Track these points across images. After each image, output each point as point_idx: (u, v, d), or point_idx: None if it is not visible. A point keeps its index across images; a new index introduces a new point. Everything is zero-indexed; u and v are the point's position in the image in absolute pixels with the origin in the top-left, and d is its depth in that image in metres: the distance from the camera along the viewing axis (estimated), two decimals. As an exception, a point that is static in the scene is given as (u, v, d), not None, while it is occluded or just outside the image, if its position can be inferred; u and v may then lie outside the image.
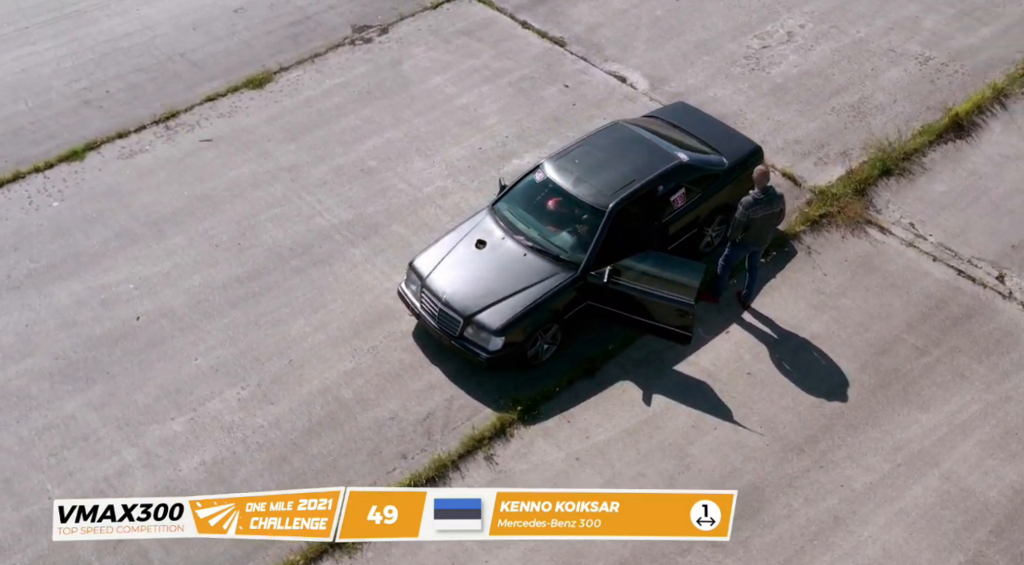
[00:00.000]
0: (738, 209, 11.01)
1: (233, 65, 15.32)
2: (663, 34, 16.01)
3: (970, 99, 14.69)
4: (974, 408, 10.95)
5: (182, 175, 13.53)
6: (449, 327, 10.99)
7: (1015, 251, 12.71)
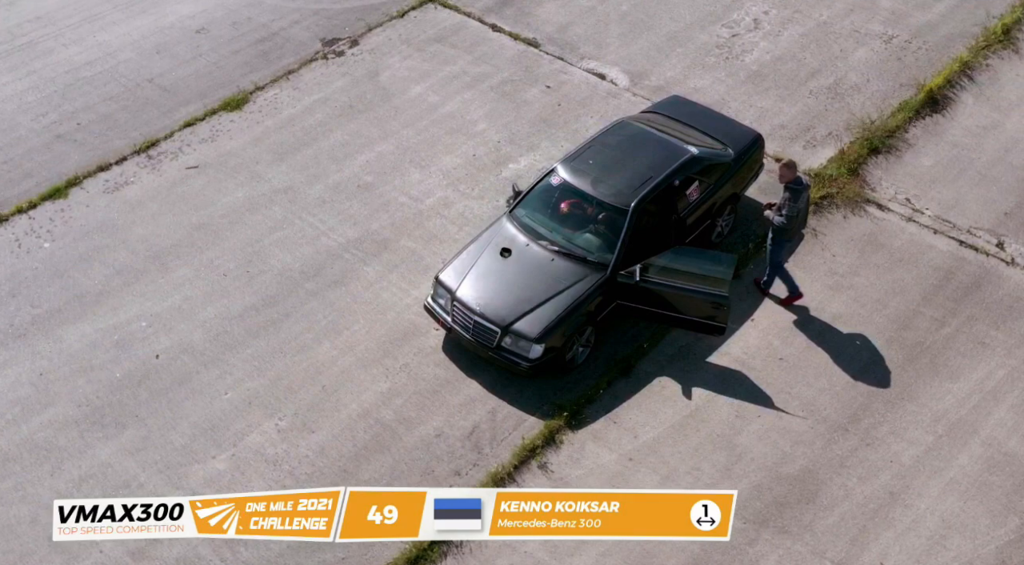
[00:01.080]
0: (784, 208, 11.11)
1: (206, 88, 14.89)
2: (633, 28, 16.10)
3: (940, 74, 15.11)
4: (1000, 374, 11.28)
5: (175, 205, 13.10)
6: (486, 338, 10.88)
7: (1009, 218, 13.13)
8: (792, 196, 11.04)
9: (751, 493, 10.21)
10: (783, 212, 11.13)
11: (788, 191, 11.10)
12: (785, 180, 11.09)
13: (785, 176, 11.08)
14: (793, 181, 11.05)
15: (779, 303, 11.83)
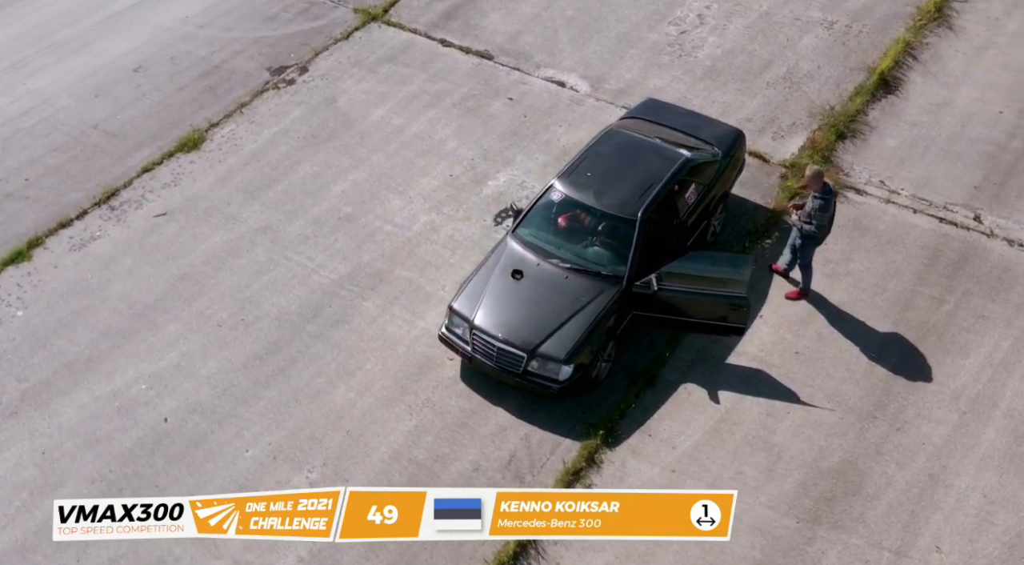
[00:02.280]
0: (815, 217, 11.12)
1: (156, 129, 14.21)
2: (582, 33, 16.04)
3: (887, 56, 15.48)
4: (1006, 345, 11.61)
5: (150, 256, 12.45)
6: (511, 364, 10.65)
7: (979, 191, 13.54)
8: (822, 205, 11.05)
9: (797, 491, 10.26)
10: (813, 221, 11.13)
11: (818, 200, 11.09)
12: (814, 189, 11.09)
13: (813, 185, 11.08)
14: (822, 190, 11.05)
15: (786, 296, 11.91)
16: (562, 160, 13.79)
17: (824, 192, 11.10)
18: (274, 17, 16.27)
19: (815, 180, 11.06)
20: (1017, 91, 15.08)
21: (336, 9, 16.47)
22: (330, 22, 16.22)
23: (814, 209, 11.11)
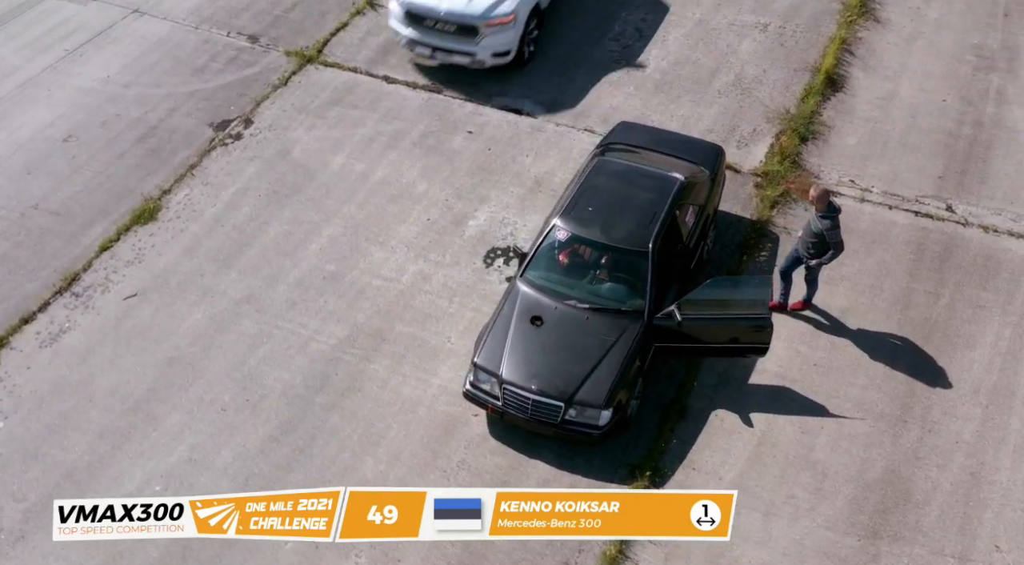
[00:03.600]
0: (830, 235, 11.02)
1: (105, 202, 13.30)
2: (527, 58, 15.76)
3: (827, 54, 15.74)
4: (1007, 333, 11.92)
5: (130, 343, 11.61)
6: (548, 416, 10.34)
7: (944, 181, 13.88)
8: (834, 222, 10.98)
9: (851, 507, 10.27)
10: (833, 239, 11.07)
11: (827, 219, 10.97)
12: (819, 209, 10.98)
13: (819, 204, 10.97)
14: (827, 208, 10.99)
15: (792, 307, 11.90)
16: (537, 191, 13.56)
17: (830, 210, 11.06)
18: (203, 68, 15.44)
19: (822, 199, 10.98)
20: (953, 78, 15.54)
21: (267, 54, 15.76)
22: (264, 68, 15.50)
23: (827, 228, 11.02)
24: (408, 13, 14.65)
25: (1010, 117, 14.90)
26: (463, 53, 14.58)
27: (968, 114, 14.92)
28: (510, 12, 14.47)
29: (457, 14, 14.42)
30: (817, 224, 11.05)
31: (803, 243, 11.37)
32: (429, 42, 14.63)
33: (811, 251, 11.26)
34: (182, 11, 16.51)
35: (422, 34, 14.65)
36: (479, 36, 14.42)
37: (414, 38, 14.72)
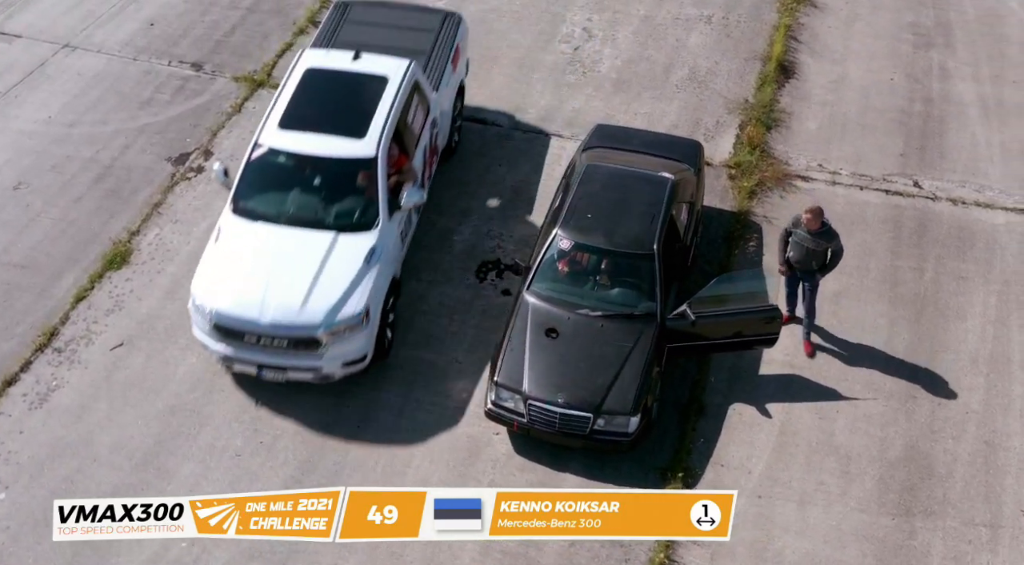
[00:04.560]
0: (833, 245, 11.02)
1: (71, 250, 12.70)
2: (480, 64, 15.62)
3: (775, 42, 16.02)
4: (992, 301, 12.31)
5: (126, 396, 11.13)
6: (576, 428, 10.28)
7: (906, 158, 14.28)
8: (835, 235, 10.92)
9: (879, 488, 10.47)
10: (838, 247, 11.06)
11: (825, 235, 10.88)
12: (814, 227, 10.83)
13: (813, 224, 10.82)
14: (822, 225, 10.86)
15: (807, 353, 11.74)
16: (517, 201, 13.47)
17: (824, 227, 10.94)
18: (149, 101, 14.88)
19: (818, 217, 10.81)
20: (896, 57, 15.98)
21: (214, 81, 15.27)
22: (214, 96, 15.02)
23: (831, 243, 10.92)
24: (218, 327, 10.53)
25: (956, 91, 15.39)
26: (303, 369, 10.60)
27: (917, 91, 15.36)
28: (360, 311, 10.53)
29: (286, 326, 10.29)
30: (818, 242, 10.90)
31: (799, 263, 11.13)
32: (252, 360, 10.56)
33: (814, 266, 11.09)
34: (116, 43, 15.88)
35: (242, 351, 10.56)
36: (322, 347, 10.51)
37: (230, 355, 10.62)
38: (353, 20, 13.65)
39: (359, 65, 12.38)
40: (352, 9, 13.84)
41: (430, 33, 13.51)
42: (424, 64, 12.92)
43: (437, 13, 14.21)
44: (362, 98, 11.90)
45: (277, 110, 11.88)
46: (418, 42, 13.28)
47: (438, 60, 13.23)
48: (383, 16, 13.86)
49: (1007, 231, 13.23)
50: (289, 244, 10.96)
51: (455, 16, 13.95)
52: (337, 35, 13.39)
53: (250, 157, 11.60)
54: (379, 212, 11.21)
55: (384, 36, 13.30)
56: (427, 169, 12.65)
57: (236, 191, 11.42)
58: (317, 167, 11.42)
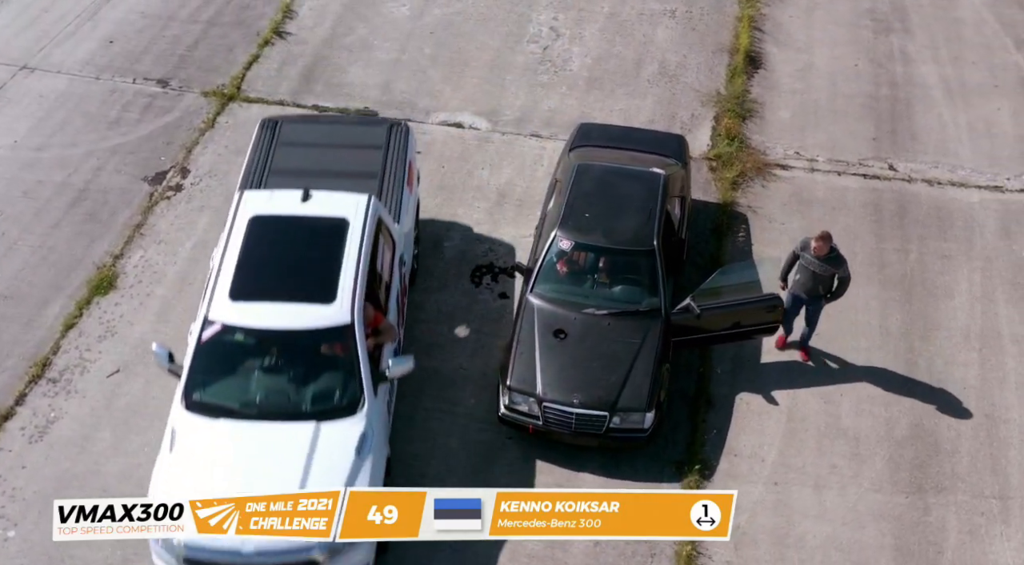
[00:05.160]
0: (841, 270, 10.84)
1: (54, 278, 12.39)
2: (451, 69, 15.61)
3: (740, 34, 16.22)
4: (976, 278, 12.62)
5: (129, 423, 10.90)
6: (593, 427, 10.32)
7: (879, 142, 14.56)
8: (843, 260, 10.80)
9: (889, 467, 10.68)
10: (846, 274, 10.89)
11: (827, 262, 10.67)
12: (822, 252, 10.63)
13: (822, 249, 10.61)
14: (830, 251, 10.66)
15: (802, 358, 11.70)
16: (503, 204, 13.47)
17: (833, 251, 10.74)
18: (118, 120, 14.57)
19: (826, 243, 10.62)
20: (858, 43, 16.29)
21: (182, 97, 15.01)
22: (184, 112, 14.76)
23: (840, 267, 10.76)
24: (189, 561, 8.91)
25: (919, 74, 15.73)
26: None
27: (881, 76, 15.66)
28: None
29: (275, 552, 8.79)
30: (825, 268, 10.71)
31: (805, 288, 10.94)
32: None
33: (820, 291, 10.92)
34: (75, 62, 15.51)
35: None
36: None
37: None
38: (286, 141, 11.71)
39: (311, 207, 10.44)
40: (283, 128, 11.92)
41: (377, 150, 11.62)
42: (378, 190, 11.07)
43: (381, 124, 12.36)
44: (322, 250, 10.08)
45: (225, 275, 9.84)
46: (366, 163, 11.46)
47: (392, 183, 11.34)
48: (319, 134, 12.20)
49: (982, 209, 13.56)
50: (263, 445, 9.11)
51: (401, 126, 12.14)
52: (271, 163, 11.41)
53: (200, 338, 9.60)
54: (363, 389, 9.42)
55: (326, 159, 11.56)
56: (400, 316, 10.93)
57: (187, 382, 9.42)
58: (283, 343, 9.57)
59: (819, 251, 10.67)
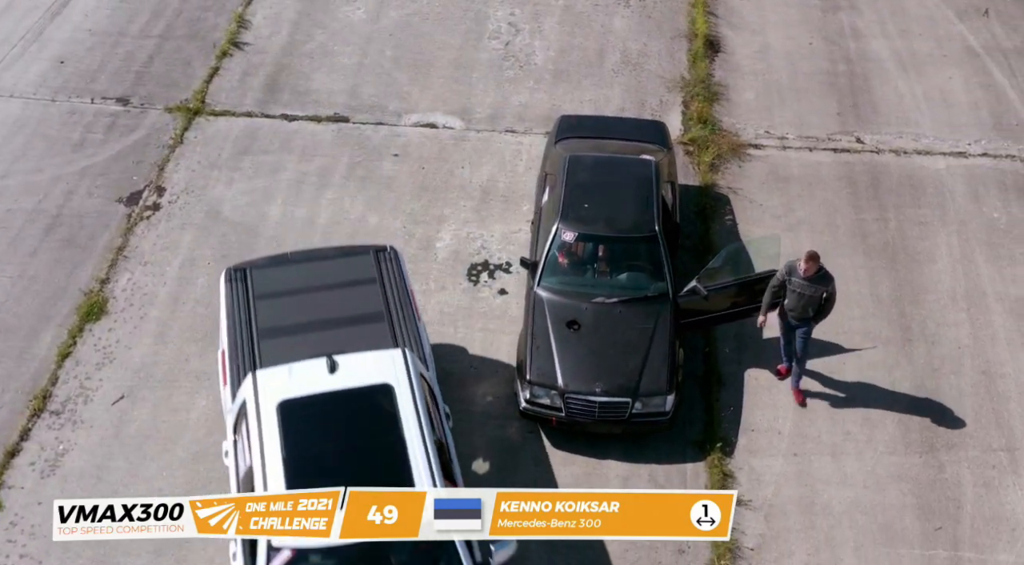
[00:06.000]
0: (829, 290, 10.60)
1: (41, 307, 12.05)
2: (416, 70, 15.57)
3: (695, 19, 16.49)
4: (953, 240, 13.06)
5: (142, 449, 10.66)
6: (616, 414, 10.43)
7: (843, 117, 14.95)
8: (825, 279, 10.50)
9: (900, 429, 11.00)
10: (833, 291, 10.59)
11: (817, 281, 10.40)
12: (810, 272, 10.35)
13: (811, 269, 10.34)
14: (820, 270, 10.42)
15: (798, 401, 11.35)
16: (488, 200, 13.49)
17: (821, 271, 10.46)
18: (82, 142, 14.20)
19: (815, 262, 10.33)
20: (809, 22, 16.69)
21: (145, 114, 14.69)
22: (150, 130, 14.45)
23: (828, 287, 10.48)
24: None
25: (871, 49, 16.19)
26: None
27: (836, 52, 16.08)
28: None
29: None
30: (815, 288, 10.44)
31: (796, 311, 10.65)
32: None
33: (811, 312, 10.64)
34: (28, 85, 15.07)
35: None
36: None
37: None
38: (263, 293, 10.05)
39: (342, 378, 9.01)
40: (254, 277, 10.18)
41: (371, 284, 10.17)
42: (391, 333, 9.68)
43: (364, 253, 10.61)
44: (375, 427, 8.92)
45: (273, 480, 8.56)
46: (363, 302, 10.02)
47: (402, 320, 9.88)
48: (297, 276, 10.34)
49: (949, 174, 14.02)
50: None
51: (387, 250, 10.63)
52: (255, 323, 9.79)
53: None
54: None
55: (316, 306, 9.96)
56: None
57: None
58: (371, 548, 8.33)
59: (809, 271, 10.30)
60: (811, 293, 10.47)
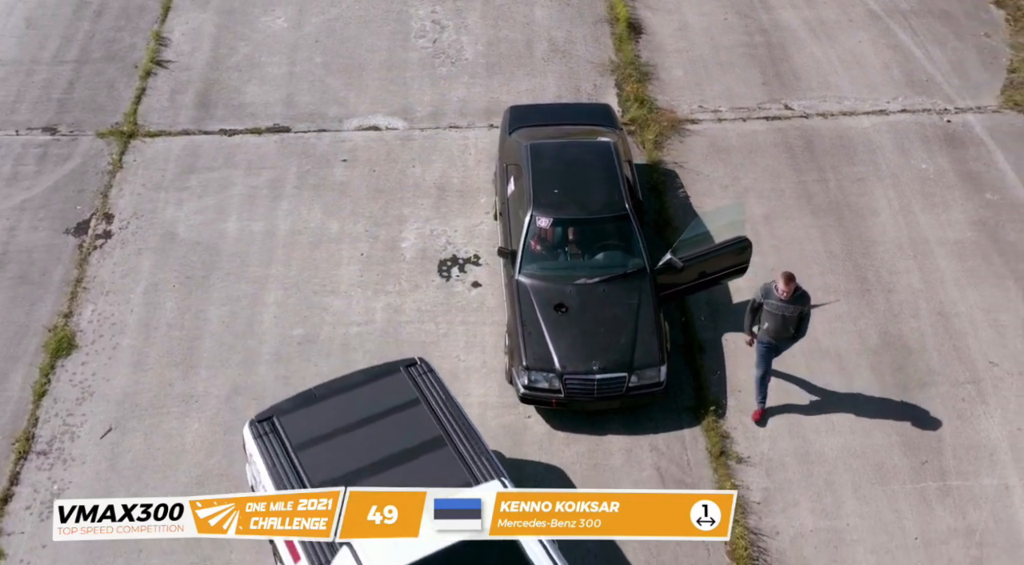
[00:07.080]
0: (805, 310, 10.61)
1: (5, 348, 11.70)
2: (350, 74, 15.54)
3: (615, 3, 16.86)
4: (891, 193, 13.76)
5: (140, 479, 10.45)
6: (614, 389, 10.71)
7: (768, 86, 15.55)
8: (803, 299, 10.50)
9: (874, 375, 11.57)
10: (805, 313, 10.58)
11: (794, 302, 10.38)
12: (788, 292, 10.31)
13: (788, 291, 10.29)
14: (796, 290, 10.39)
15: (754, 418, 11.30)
16: (445, 196, 13.61)
17: (799, 291, 10.47)
18: (15, 176, 13.75)
19: (791, 283, 10.29)
20: (708, -1, 17.23)
21: (77, 141, 14.29)
22: (85, 157, 14.07)
23: (806, 307, 10.52)
24: None
25: (783, 19, 16.83)
26: None
27: (751, 25, 16.68)
28: None
29: None
30: (793, 309, 10.42)
31: (776, 333, 10.58)
32: None
33: (791, 331, 10.60)
34: (-56, 123, 14.47)
35: None
36: None
37: None
38: (302, 442, 9.20)
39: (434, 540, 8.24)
40: (284, 425, 9.32)
41: (416, 406, 9.47)
42: (458, 457, 9.09)
43: (395, 372, 9.80)
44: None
45: None
46: (416, 429, 9.28)
47: (466, 438, 9.27)
48: (331, 414, 9.44)
49: (875, 132, 14.74)
50: None
51: (417, 362, 9.89)
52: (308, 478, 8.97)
53: None
54: None
55: (366, 443, 9.18)
56: None
57: None
58: None
59: (786, 293, 10.28)
60: (789, 313, 10.40)
